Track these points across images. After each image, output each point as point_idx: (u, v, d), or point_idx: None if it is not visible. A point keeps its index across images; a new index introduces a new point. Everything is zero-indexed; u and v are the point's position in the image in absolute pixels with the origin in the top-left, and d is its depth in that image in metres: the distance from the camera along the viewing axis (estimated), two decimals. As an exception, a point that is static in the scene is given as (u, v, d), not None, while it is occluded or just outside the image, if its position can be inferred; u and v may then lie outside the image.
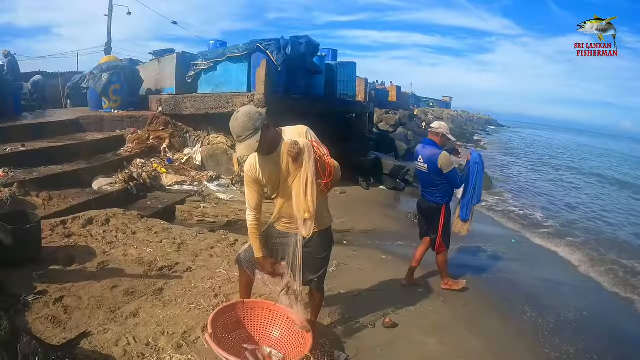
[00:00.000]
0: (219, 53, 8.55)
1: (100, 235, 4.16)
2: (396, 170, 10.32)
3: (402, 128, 20.13)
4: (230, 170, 7.95)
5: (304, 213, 2.12)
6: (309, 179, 2.08)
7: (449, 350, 2.94)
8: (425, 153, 3.68)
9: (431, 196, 3.77)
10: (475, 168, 3.81)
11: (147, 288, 3.18)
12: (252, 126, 2.07)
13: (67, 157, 6.12)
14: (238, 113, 2.13)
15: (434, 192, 3.74)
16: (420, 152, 3.75)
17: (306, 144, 2.10)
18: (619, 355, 3.51)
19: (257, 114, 2.12)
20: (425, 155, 3.68)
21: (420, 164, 3.71)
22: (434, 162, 3.57)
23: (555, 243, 6.73)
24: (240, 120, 2.09)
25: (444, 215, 3.76)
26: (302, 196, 2.11)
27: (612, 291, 4.98)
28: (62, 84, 11.38)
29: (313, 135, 2.26)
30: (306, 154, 2.08)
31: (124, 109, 8.98)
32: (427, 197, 3.82)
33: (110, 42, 18.60)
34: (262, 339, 2.47)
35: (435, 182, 3.67)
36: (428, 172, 3.65)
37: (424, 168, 3.67)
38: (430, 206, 3.79)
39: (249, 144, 2.08)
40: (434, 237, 3.82)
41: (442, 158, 3.55)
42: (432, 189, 3.74)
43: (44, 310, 2.72)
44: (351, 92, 11.16)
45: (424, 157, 3.67)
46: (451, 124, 33.49)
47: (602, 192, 13.83)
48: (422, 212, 3.95)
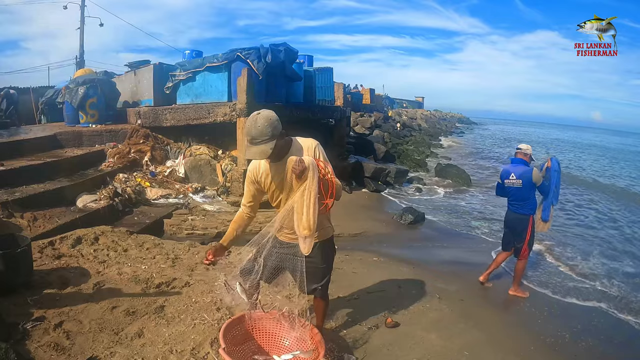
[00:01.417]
0: (198, 63, 8.48)
1: (92, 255, 4.08)
2: (377, 172, 10.47)
3: (378, 130, 20.39)
4: (215, 181, 7.91)
5: (304, 230, 2.12)
6: (312, 199, 2.07)
7: (451, 344, 3.05)
8: (518, 171, 4.17)
9: (522, 209, 4.21)
10: (555, 174, 4.21)
11: (147, 306, 3.14)
12: (270, 132, 2.06)
13: (48, 175, 5.94)
14: (258, 115, 2.10)
15: (524, 205, 4.19)
16: (511, 171, 4.22)
17: (311, 162, 2.09)
18: (611, 335, 3.74)
19: (277, 122, 2.11)
20: (517, 172, 4.17)
21: (513, 180, 4.18)
22: (528, 178, 4.08)
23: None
24: (260, 123, 2.06)
25: (531, 224, 4.21)
26: (303, 214, 2.09)
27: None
28: (35, 99, 11.02)
29: (322, 152, 2.27)
30: (310, 173, 2.07)
31: (102, 123, 8.78)
32: (517, 210, 4.25)
33: (83, 54, 18.15)
34: (272, 349, 2.49)
35: (527, 195, 4.16)
36: (522, 187, 4.13)
37: (518, 184, 4.15)
38: (520, 217, 4.23)
39: (262, 149, 2.07)
40: (519, 246, 4.26)
41: (535, 174, 4.09)
42: (523, 202, 4.20)
43: (45, 338, 2.64)
44: (329, 97, 11.24)
45: (517, 174, 4.16)
46: (425, 123, 34.19)
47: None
48: (510, 223, 4.37)
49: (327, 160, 2.26)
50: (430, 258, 5.45)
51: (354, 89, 27.56)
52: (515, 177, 4.16)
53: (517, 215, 4.25)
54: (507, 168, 4.34)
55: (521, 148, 4.32)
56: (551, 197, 4.25)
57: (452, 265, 5.16)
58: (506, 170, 4.31)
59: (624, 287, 4.93)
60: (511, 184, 4.20)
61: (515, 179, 4.15)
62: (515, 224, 4.29)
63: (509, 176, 4.23)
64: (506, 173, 4.28)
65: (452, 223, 7.69)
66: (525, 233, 4.20)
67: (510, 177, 4.21)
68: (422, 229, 7.14)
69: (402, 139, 21.35)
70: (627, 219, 9.12)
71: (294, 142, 2.28)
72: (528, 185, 4.10)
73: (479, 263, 5.35)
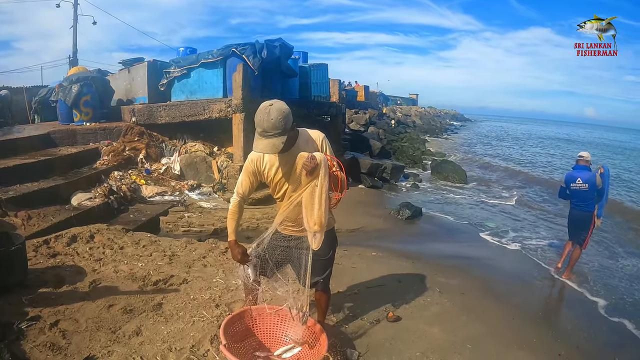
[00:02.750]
0: (192, 59, 8.40)
1: (87, 253, 4.02)
2: (373, 168, 10.44)
3: (373, 127, 20.38)
4: (211, 178, 7.84)
5: (314, 226, 2.09)
6: (323, 195, 2.04)
7: (454, 337, 3.02)
8: (584, 176, 4.82)
9: (587, 207, 4.85)
10: (606, 179, 4.79)
11: (145, 304, 3.08)
12: (283, 126, 1.99)
13: (42, 174, 5.87)
14: (272, 107, 2.01)
15: (588, 204, 4.84)
16: (578, 176, 4.87)
17: (323, 158, 2.06)
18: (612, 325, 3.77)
19: (290, 114, 2.04)
20: (584, 178, 4.81)
21: (580, 184, 4.82)
22: (593, 182, 4.74)
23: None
24: (273, 115, 1.98)
25: (594, 219, 4.84)
26: (315, 210, 2.06)
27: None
28: (28, 98, 10.90)
29: (328, 145, 2.24)
30: (322, 170, 2.04)
31: (96, 121, 8.68)
32: (583, 209, 4.90)
33: (77, 53, 17.95)
34: (274, 345, 2.45)
35: (591, 196, 4.80)
36: (588, 190, 4.77)
37: (585, 187, 4.79)
38: (586, 214, 4.87)
39: (273, 142, 2.00)
40: (584, 237, 4.91)
41: (598, 179, 4.73)
42: (587, 202, 4.84)
43: (41, 337, 2.58)
44: (325, 93, 11.19)
45: (583, 179, 4.81)
46: (419, 120, 34.24)
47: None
48: (577, 220, 4.99)
49: (333, 154, 2.23)
50: (429, 252, 5.43)
51: (348, 86, 27.52)
52: (582, 181, 4.80)
53: (583, 213, 4.88)
54: (572, 173, 4.95)
55: (583, 156, 4.98)
56: (605, 197, 4.83)
57: (452, 259, 5.14)
58: (571, 175, 4.92)
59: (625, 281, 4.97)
60: (578, 187, 4.84)
61: (582, 183, 4.80)
62: (581, 220, 4.92)
63: (575, 180, 4.86)
64: (572, 178, 4.90)
65: (450, 218, 7.69)
66: (589, 226, 4.85)
67: (576, 181, 4.85)
68: (419, 224, 7.12)
69: (396, 136, 21.35)
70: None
71: (301, 133, 2.24)
72: (592, 188, 4.75)
73: (478, 257, 5.36)
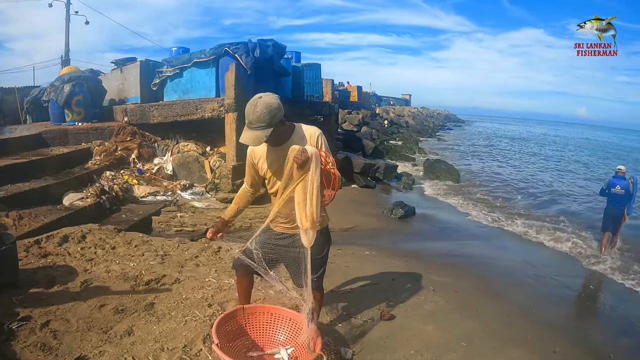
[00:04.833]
0: (185, 59, 8.35)
1: (79, 253, 3.98)
2: (367, 168, 10.46)
3: (366, 127, 20.43)
4: (203, 178, 7.81)
5: (306, 222, 2.07)
6: (314, 190, 2.03)
7: (448, 335, 3.03)
8: (622, 184, 6.41)
9: (621, 206, 6.42)
10: (636, 186, 6.38)
11: (137, 304, 3.06)
12: (268, 120, 2.00)
13: (33, 174, 5.81)
14: (260, 99, 2.01)
15: (622, 204, 6.41)
16: (617, 183, 6.45)
17: (314, 152, 2.05)
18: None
19: (277, 109, 2.03)
20: (622, 185, 6.41)
21: (619, 190, 6.40)
22: (627, 188, 6.36)
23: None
24: (259, 109, 1.99)
25: (625, 215, 6.45)
26: (306, 206, 2.05)
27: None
28: (20, 98, 10.79)
29: (324, 142, 2.23)
30: (313, 163, 2.02)
31: (88, 121, 8.60)
32: (618, 207, 6.45)
33: (69, 53, 17.77)
34: (267, 344, 2.44)
35: (625, 199, 6.38)
36: (624, 194, 6.36)
37: (622, 192, 6.37)
38: (620, 211, 6.45)
39: (257, 135, 2.01)
40: (617, 227, 6.50)
41: (631, 188, 6.34)
42: (621, 203, 6.41)
43: (31, 338, 2.55)
44: (318, 93, 11.20)
45: (621, 186, 6.41)
46: (412, 120, 34.38)
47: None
48: (613, 215, 6.48)
49: (329, 151, 2.21)
50: (423, 251, 5.46)
51: (340, 86, 27.52)
52: (620, 187, 6.40)
53: (618, 210, 6.43)
54: (612, 181, 6.51)
55: (621, 169, 6.64)
56: (633, 200, 6.45)
57: (445, 257, 5.17)
58: (612, 182, 6.50)
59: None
60: (616, 191, 6.42)
61: (620, 189, 6.40)
62: (616, 215, 6.45)
63: (614, 186, 6.44)
64: (612, 184, 6.48)
65: (443, 216, 7.72)
66: (621, 219, 6.45)
67: (616, 187, 6.43)
68: (413, 223, 7.15)
69: (390, 136, 21.41)
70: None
71: (296, 129, 2.23)
72: (627, 193, 6.34)
73: (470, 255, 5.39)
